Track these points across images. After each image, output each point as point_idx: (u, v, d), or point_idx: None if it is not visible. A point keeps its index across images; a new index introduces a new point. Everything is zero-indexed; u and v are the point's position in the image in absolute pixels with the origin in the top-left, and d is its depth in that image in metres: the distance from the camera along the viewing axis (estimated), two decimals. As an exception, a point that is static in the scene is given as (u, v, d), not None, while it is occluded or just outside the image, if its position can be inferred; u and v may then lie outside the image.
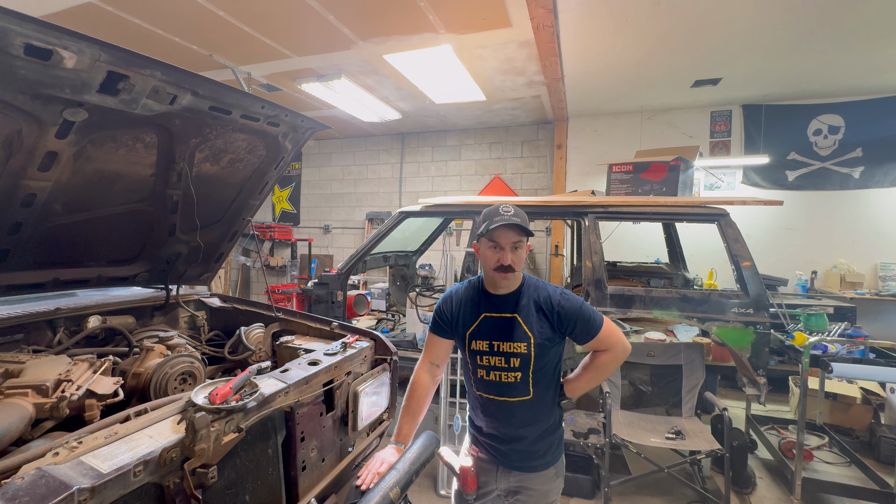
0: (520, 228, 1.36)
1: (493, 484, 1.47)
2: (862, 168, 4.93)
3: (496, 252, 1.39)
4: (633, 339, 3.27)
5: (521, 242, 1.39)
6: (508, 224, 1.35)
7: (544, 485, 1.44)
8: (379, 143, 7.37)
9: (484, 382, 1.45)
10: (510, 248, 1.37)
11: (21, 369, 1.38)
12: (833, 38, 3.67)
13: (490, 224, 1.37)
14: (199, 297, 2.37)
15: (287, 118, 1.80)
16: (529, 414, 1.42)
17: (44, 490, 0.78)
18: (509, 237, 1.37)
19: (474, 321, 1.46)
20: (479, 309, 1.46)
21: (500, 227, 1.36)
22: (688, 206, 2.95)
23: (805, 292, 4.75)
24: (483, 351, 1.43)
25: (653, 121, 5.68)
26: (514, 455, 1.43)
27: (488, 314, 1.45)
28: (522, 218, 1.40)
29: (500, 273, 1.39)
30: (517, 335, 1.40)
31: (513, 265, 1.37)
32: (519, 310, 1.42)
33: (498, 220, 1.36)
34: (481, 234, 1.40)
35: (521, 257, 1.40)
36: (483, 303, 1.47)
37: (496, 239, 1.38)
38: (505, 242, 1.37)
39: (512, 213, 1.38)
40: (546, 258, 6.30)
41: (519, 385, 1.41)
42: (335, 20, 3.51)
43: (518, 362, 1.39)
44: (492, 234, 1.37)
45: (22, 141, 1.25)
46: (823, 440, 3.19)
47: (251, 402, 1.15)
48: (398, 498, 1.19)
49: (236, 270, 7.98)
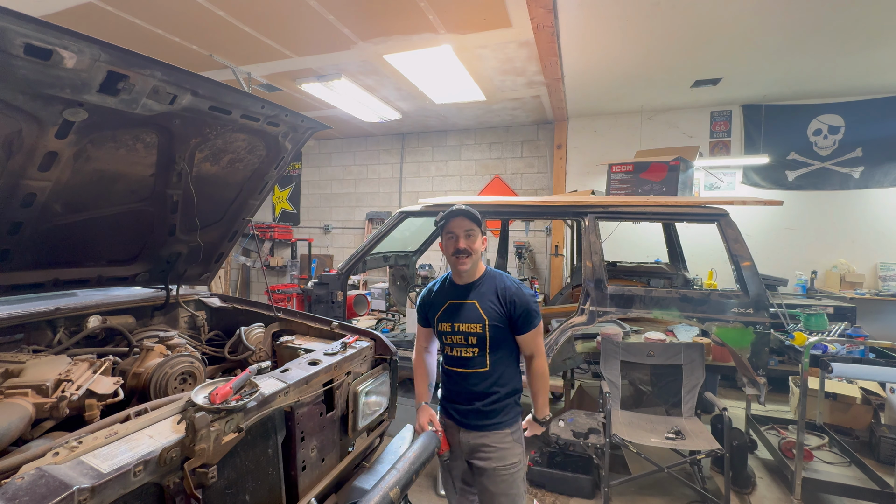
0: (467, 215, 1.64)
1: (457, 446, 1.72)
2: (862, 168, 4.93)
3: (452, 240, 1.67)
4: (633, 339, 3.27)
5: (474, 231, 1.66)
6: (457, 212, 1.64)
7: (500, 443, 1.65)
8: (379, 143, 7.37)
9: (450, 358, 1.72)
10: (463, 234, 1.65)
11: (21, 369, 1.38)
12: (833, 38, 3.67)
13: (445, 217, 1.67)
14: (199, 297, 2.37)
15: (287, 118, 1.80)
16: (486, 383, 1.67)
17: (44, 490, 0.78)
18: (461, 225, 1.65)
19: (441, 307, 1.74)
20: (446, 297, 1.74)
21: (451, 217, 1.65)
22: (688, 206, 2.95)
23: (805, 292, 4.75)
24: (447, 331, 1.71)
25: (653, 121, 5.68)
26: (472, 415, 1.67)
27: (452, 301, 1.72)
28: (472, 210, 1.67)
29: (458, 258, 1.65)
30: (473, 317, 1.66)
31: (468, 249, 1.64)
32: (478, 296, 1.68)
33: (449, 214, 1.66)
34: (440, 227, 1.69)
35: (475, 243, 1.66)
36: (449, 292, 1.75)
37: (451, 229, 1.66)
38: (458, 230, 1.65)
39: (464, 209, 1.66)
40: (546, 258, 6.30)
41: (476, 359, 1.67)
42: (335, 20, 3.51)
43: (475, 340, 1.66)
44: (446, 226, 1.67)
45: (22, 141, 1.25)
46: (823, 440, 3.19)
47: (251, 402, 1.15)
48: (398, 498, 1.19)
49: (236, 270, 7.98)
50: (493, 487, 1.63)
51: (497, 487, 1.62)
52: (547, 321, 3.92)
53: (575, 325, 2.91)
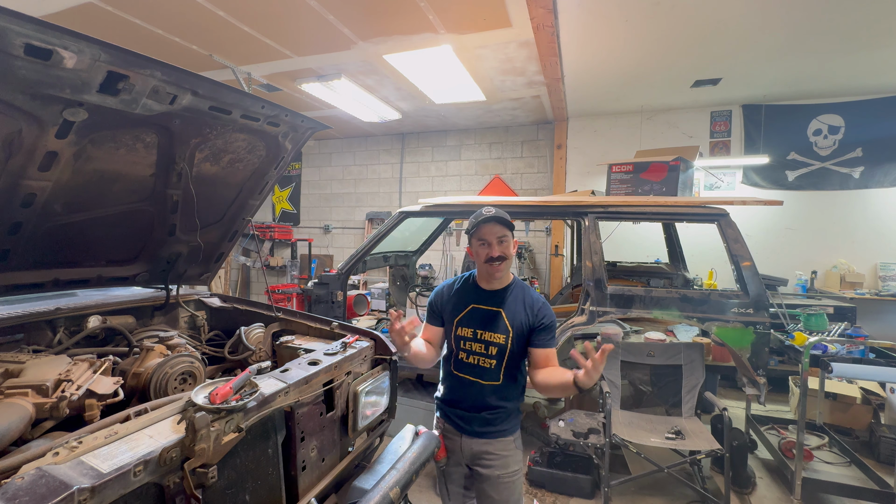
0: (501, 220, 1.56)
1: (458, 452, 1.65)
2: (862, 168, 4.93)
3: (485, 247, 1.58)
4: (633, 339, 3.27)
5: (506, 237, 1.58)
6: (489, 218, 1.55)
7: (503, 450, 1.61)
8: (379, 143, 7.36)
9: (463, 364, 1.64)
10: (496, 241, 1.57)
11: (21, 369, 1.38)
12: (833, 38, 3.67)
13: (476, 223, 1.58)
14: (199, 297, 2.37)
15: (287, 118, 1.80)
16: (495, 397, 1.61)
17: (44, 490, 0.78)
18: (494, 231, 1.56)
19: (463, 310, 1.65)
20: (469, 300, 1.66)
21: (484, 223, 1.56)
22: (688, 206, 2.95)
23: (805, 292, 4.75)
24: (467, 337, 1.63)
25: (653, 121, 5.68)
26: (476, 422, 1.62)
27: (476, 305, 1.64)
28: (503, 214, 1.58)
29: (492, 265, 1.58)
30: (499, 327, 1.59)
31: (503, 254, 1.57)
32: (505, 305, 1.61)
33: (482, 219, 1.56)
34: (470, 233, 1.61)
35: (508, 249, 1.59)
36: (473, 295, 1.66)
37: (483, 236, 1.57)
38: (491, 237, 1.57)
39: (493, 211, 1.58)
40: (546, 258, 6.30)
41: (492, 371, 1.59)
42: (335, 20, 3.51)
43: (495, 351, 1.58)
44: (478, 231, 1.58)
45: (22, 141, 1.25)
46: (823, 440, 3.19)
47: (251, 402, 1.15)
48: (398, 498, 1.20)
49: (236, 270, 7.98)
50: (495, 494, 1.61)
51: (500, 494, 1.61)
52: (547, 321, 3.92)
53: (575, 325, 2.91)
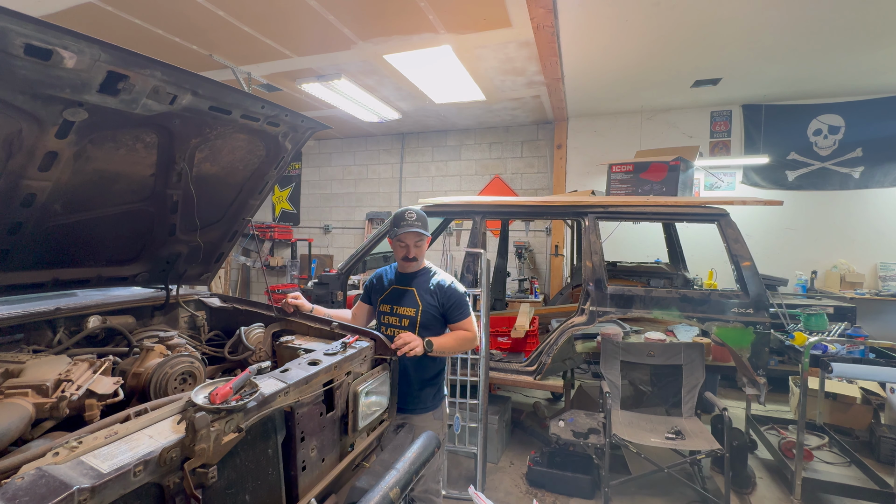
0: (420, 230, 1.90)
1: None
2: (862, 168, 4.93)
3: (403, 248, 1.96)
4: (633, 339, 3.27)
5: (422, 240, 1.94)
6: (411, 232, 1.90)
7: (422, 423, 1.91)
8: (379, 143, 7.37)
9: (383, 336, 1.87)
10: (413, 244, 1.94)
11: (21, 369, 1.38)
12: (833, 38, 3.67)
13: (398, 230, 1.91)
14: (199, 297, 2.37)
15: (287, 118, 1.80)
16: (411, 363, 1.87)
17: (44, 490, 0.77)
18: (412, 238, 1.93)
19: (385, 290, 2.05)
20: (391, 282, 2.05)
21: (406, 234, 1.91)
22: (688, 206, 2.95)
23: (805, 292, 4.75)
24: (386, 312, 2.02)
25: (653, 121, 5.68)
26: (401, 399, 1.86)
27: (395, 286, 2.03)
28: (423, 221, 1.93)
29: (406, 262, 1.99)
30: (410, 302, 1.96)
31: (416, 257, 1.96)
32: (416, 285, 1.98)
33: (404, 226, 1.90)
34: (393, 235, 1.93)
35: (422, 249, 1.97)
36: (394, 279, 2.06)
37: (403, 239, 1.94)
38: (409, 241, 1.93)
39: (415, 218, 1.91)
40: (546, 258, 6.30)
41: None
42: (335, 20, 3.51)
43: (407, 322, 1.95)
44: (399, 237, 1.93)
45: (22, 141, 1.25)
46: (823, 440, 3.19)
47: (251, 402, 1.15)
48: (398, 498, 1.20)
49: (236, 270, 7.98)
50: None
51: None
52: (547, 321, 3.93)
53: (575, 325, 2.91)
